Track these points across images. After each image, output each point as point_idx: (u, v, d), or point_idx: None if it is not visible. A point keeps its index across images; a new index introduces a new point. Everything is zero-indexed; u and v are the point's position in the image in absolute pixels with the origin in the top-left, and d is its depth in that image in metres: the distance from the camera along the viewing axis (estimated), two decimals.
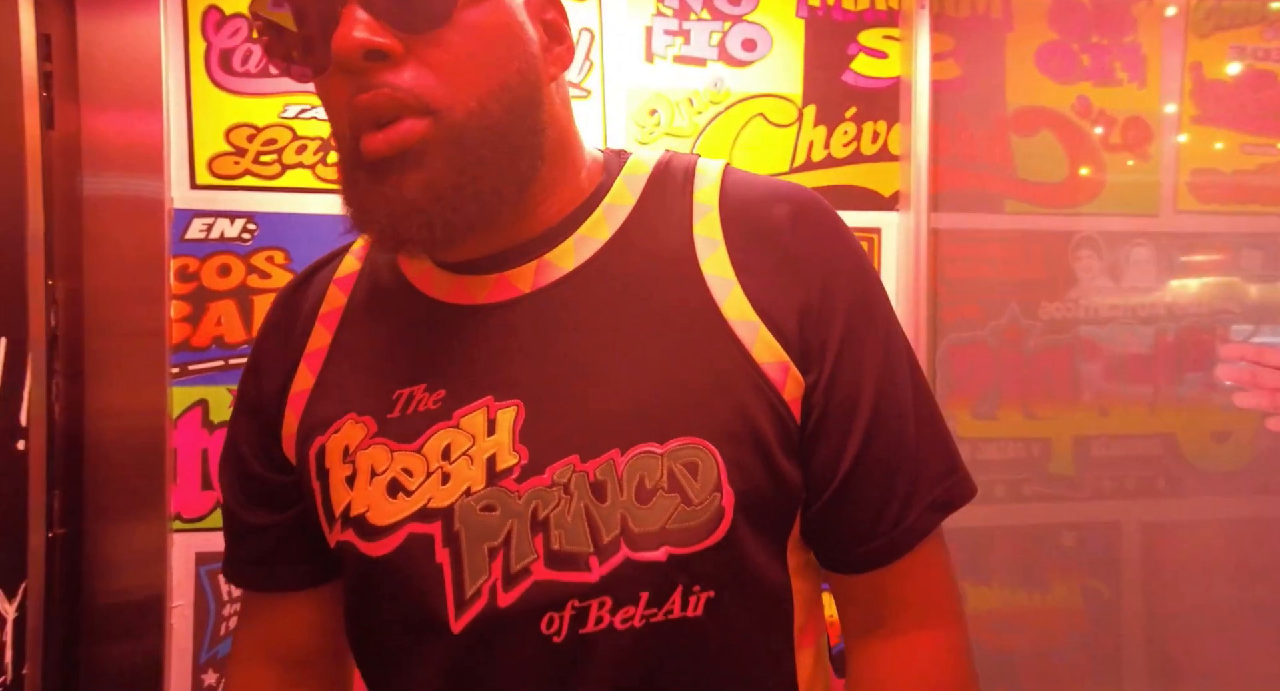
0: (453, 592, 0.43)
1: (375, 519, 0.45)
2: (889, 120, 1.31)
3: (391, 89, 0.41)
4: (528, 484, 0.43)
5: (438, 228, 0.43)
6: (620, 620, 0.42)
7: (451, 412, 0.46)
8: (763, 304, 0.46)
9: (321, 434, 0.49)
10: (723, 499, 0.43)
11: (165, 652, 1.15)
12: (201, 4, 1.15)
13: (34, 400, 1.06)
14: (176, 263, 1.15)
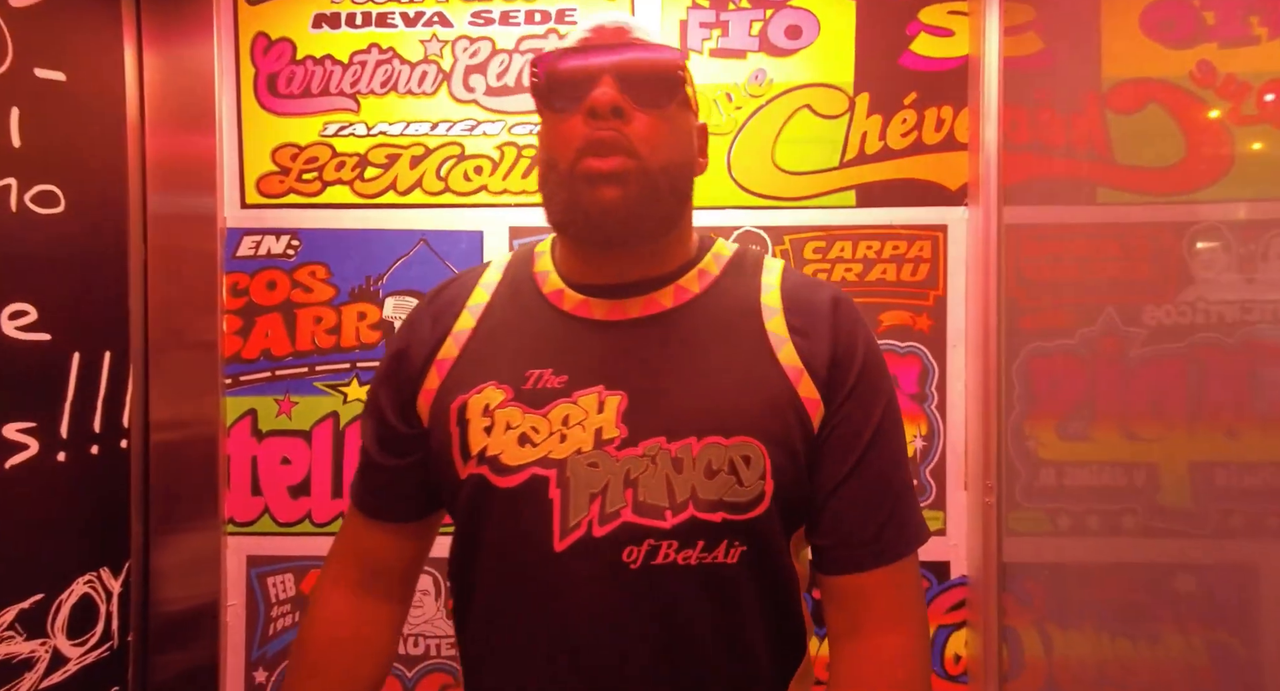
0: (559, 522, 0.59)
1: (507, 460, 0.60)
2: (955, 105, 1.17)
3: (618, 133, 0.59)
4: (624, 452, 0.59)
5: (620, 226, 0.60)
6: (681, 557, 0.58)
7: (571, 392, 0.62)
8: (806, 356, 0.63)
9: (464, 393, 0.64)
10: (765, 486, 0.59)
11: (221, 647, 1.20)
12: (251, 31, 1.20)
13: (134, 405, 1.15)
14: (229, 278, 1.20)
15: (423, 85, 1.20)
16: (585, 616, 0.59)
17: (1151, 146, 1.10)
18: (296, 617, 1.21)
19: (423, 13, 1.20)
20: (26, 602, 0.98)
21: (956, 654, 1.17)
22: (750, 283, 0.67)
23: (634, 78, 0.60)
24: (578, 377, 0.62)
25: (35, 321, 0.99)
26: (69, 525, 1.05)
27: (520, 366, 0.64)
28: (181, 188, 1.19)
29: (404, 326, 0.72)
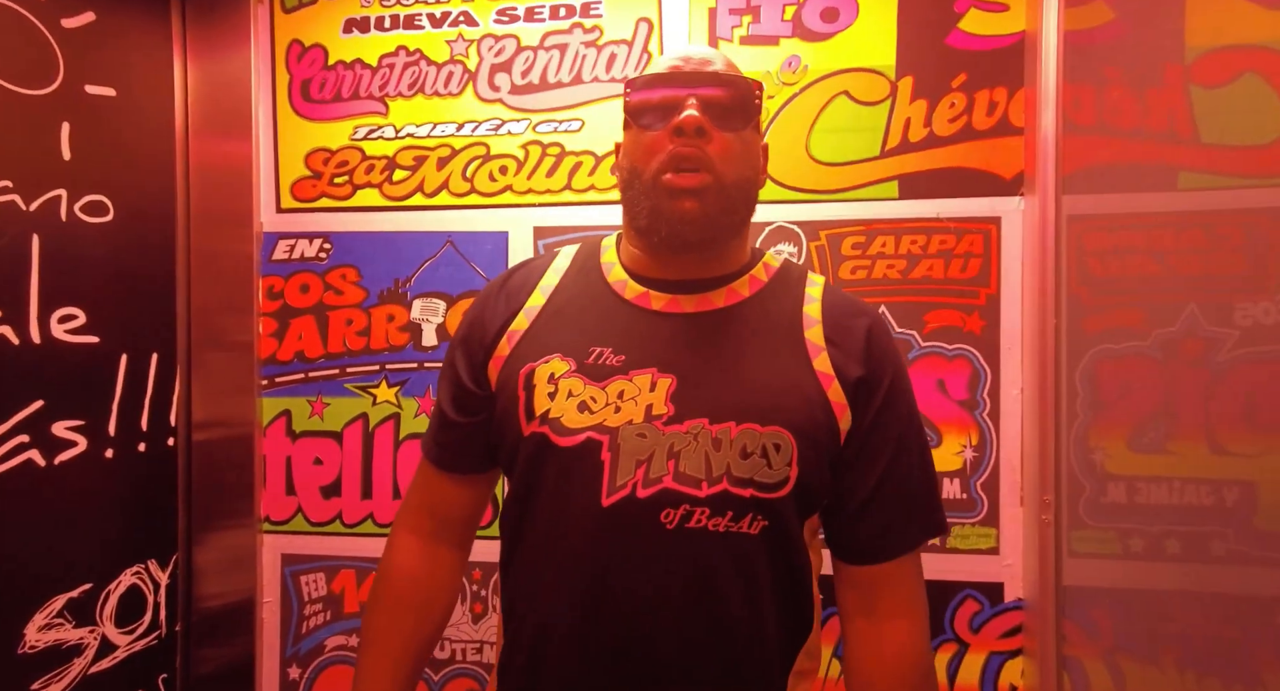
0: (608, 481, 0.67)
1: (567, 423, 0.69)
2: (1010, 86, 1.07)
3: (700, 151, 0.68)
4: (670, 428, 0.67)
5: (698, 234, 0.69)
6: (711, 524, 0.66)
7: (628, 371, 0.70)
8: (838, 365, 0.71)
9: (533, 361, 0.72)
10: (791, 471, 0.67)
11: (257, 643, 1.23)
12: (286, 38, 1.23)
13: (180, 404, 1.19)
14: (265, 281, 1.23)
15: (449, 86, 1.19)
16: (623, 564, 0.67)
17: (1246, 123, 0.97)
18: (328, 616, 1.22)
19: (449, 13, 1.19)
20: (75, 591, 1.03)
21: (1012, 683, 1.08)
22: (795, 293, 0.76)
23: (716, 102, 0.69)
24: (634, 358, 0.70)
25: (84, 325, 1.03)
26: (117, 519, 1.09)
27: (584, 343, 0.72)
28: (221, 194, 1.22)
29: (479, 299, 0.81)
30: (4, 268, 0.92)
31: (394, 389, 1.21)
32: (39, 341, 0.96)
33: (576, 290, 0.76)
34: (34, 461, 0.96)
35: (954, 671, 1.08)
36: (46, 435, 0.97)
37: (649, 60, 1.15)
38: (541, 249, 1.17)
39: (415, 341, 1.21)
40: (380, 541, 1.19)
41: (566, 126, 1.16)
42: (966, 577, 1.08)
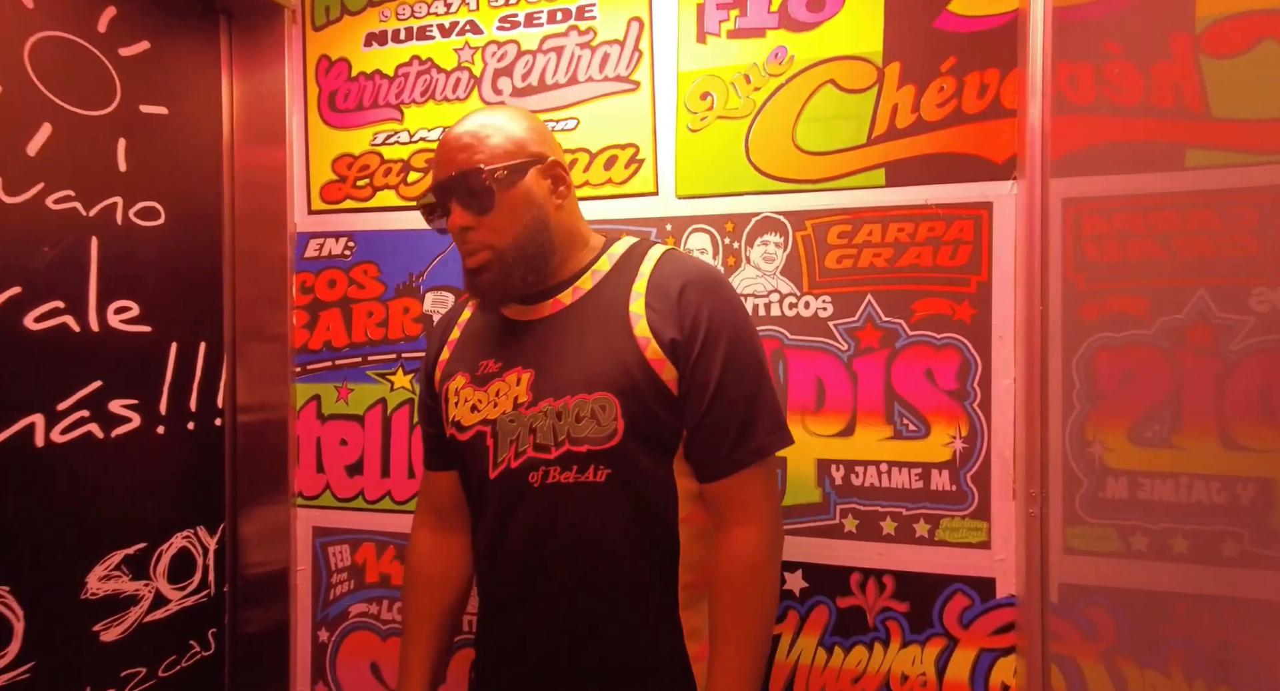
0: (492, 459, 0.89)
1: (464, 422, 0.92)
2: (1002, 68, 1.04)
3: (474, 241, 0.87)
4: (530, 411, 0.86)
5: (498, 297, 0.90)
6: (564, 478, 0.85)
7: (503, 373, 0.90)
8: (655, 327, 0.86)
9: (449, 380, 0.95)
10: (618, 425, 0.83)
11: (292, 608, 1.35)
12: (316, 54, 1.34)
13: (226, 388, 1.33)
14: (298, 277, 1.35)
15: (457, 91, 1.27)
16: (512, 517, 0.88)
17: (1262, 94, 0.91)
18: (352, 585, 1.33)
19: (457, 22, 1.27)
20: (131, 549, 1.17)
21: (1004, 682, 1.05)
22: (630, 274, 0.90)
23: (469, 196, 0.85)
24: (506, 362, 0.90)
25: (138, 316, 1.17)
26: (167, 488, 1.23)
27: (476, 359, 0.94)
28: (260, 198, 1.35)
29: (428, 340, 1.05)
30: (66, 266, 1.06)
31: (409, 376, 1.30)
32: (97, 330, 1.10)
33: (480, 319, 0.98)
34: (94, 434, 1.10)
35: (943, 666, 1.06)
36: (105, 411, 1.11)
37: (640, 58, 1.18)
38: None
39: (428, 331, 1.29)
40: (396, 517, 1.29)
41: (563, 125, 1.22)
42: (956, 571, 1.06)
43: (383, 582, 1.31)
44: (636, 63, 1.18)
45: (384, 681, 1.31)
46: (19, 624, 1.00)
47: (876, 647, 1.08)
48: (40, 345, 1.02)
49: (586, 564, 0.85)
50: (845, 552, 1.09)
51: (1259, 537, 0.93)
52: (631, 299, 0.87)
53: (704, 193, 1.15)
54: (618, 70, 1.19)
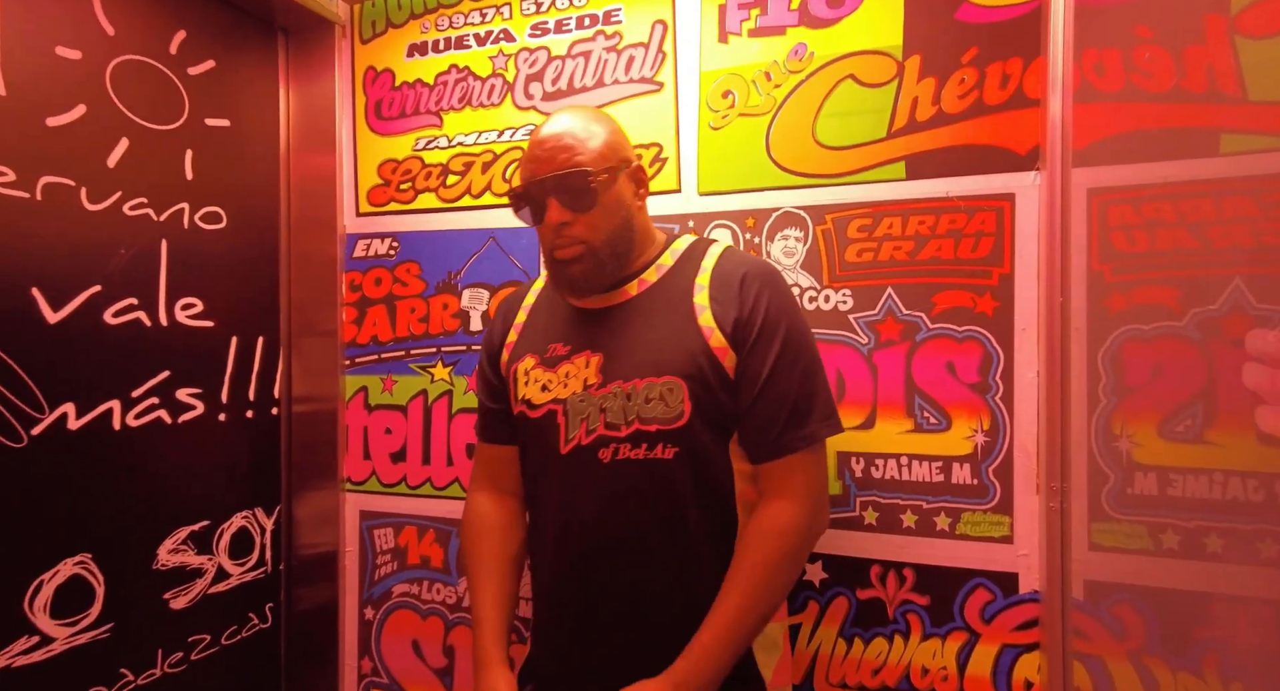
0: (563, 436, 0.94)
1: (535, 400, 0.97)
2: (1025, 57, 1.03)
3: (569, 236, 0.92)
4: (599, 392, 0.92)
5: (585, 289, 0.95)
6: (634, 454, 0.90)
7: (572, 356, 0.96)
8: (719, 317, 0.91)
9: (518, 361, 1.01)
10: (685, 407, 0.89)
11: (341, 587, 1.44)
12: (364, 65, 1.43)
13: (283, 380, 1.44)
14: (347, 276, 1.44)
15: (491, 97, 1.33)
16: (581, 491, 0.92)
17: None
18: (395, 566, 1.41)
19: (491, 31, 1.33)
20: (196, 526, 1.27)
21: (1027, 679, 1.03)
22: (693, 267, 0.96)
23: (570, 194, 0.91)
24: (575, 346, 0.97)
25: (202, 311, 1.28)
26: (228, 471, 1.34)
27: (545, 342, 1.00)
28: (313, 202, 1.45)
29: (495, 315, 1.12)
30: (140, 266, 1.17)
31: (448, 368, 1.37)
32: (166, 324, 1.21)
33: (545, 304, 1.05)
34: (162, 419, 1.21)
35: (964, 661, 1.05)
36: (172, 398, 1.22)
37: (663, 59, 1.22)
38: None
39: (465, 326, 1.36)
40: (436, 502, 1.36)
41: None
42: (977, 565, 1.05)
43: (423, 564, 1.39)
44: (660, 64, 1.22)
45: (424, 659, 1.39)
46: (100, 588, 1.11)
47: (896, 640, 1.08)
48: (117, 337, 1.13)
49: (653, 535, 0.89)
50: (865, 545, 1.10)
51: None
52: (695, 291, 0.93)
53: (725, 189, 1.18)
54: (642, 72, 1.23)
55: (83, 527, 1.09)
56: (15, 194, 1.00)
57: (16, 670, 1.00)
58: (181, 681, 1.24)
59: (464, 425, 1.36)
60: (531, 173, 0.93)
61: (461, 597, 1.36)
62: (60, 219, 1.06)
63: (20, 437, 1.01)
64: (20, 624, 1.01)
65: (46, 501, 1.04)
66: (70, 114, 1.08)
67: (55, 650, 1.05)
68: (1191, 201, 0.96)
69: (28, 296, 1.02)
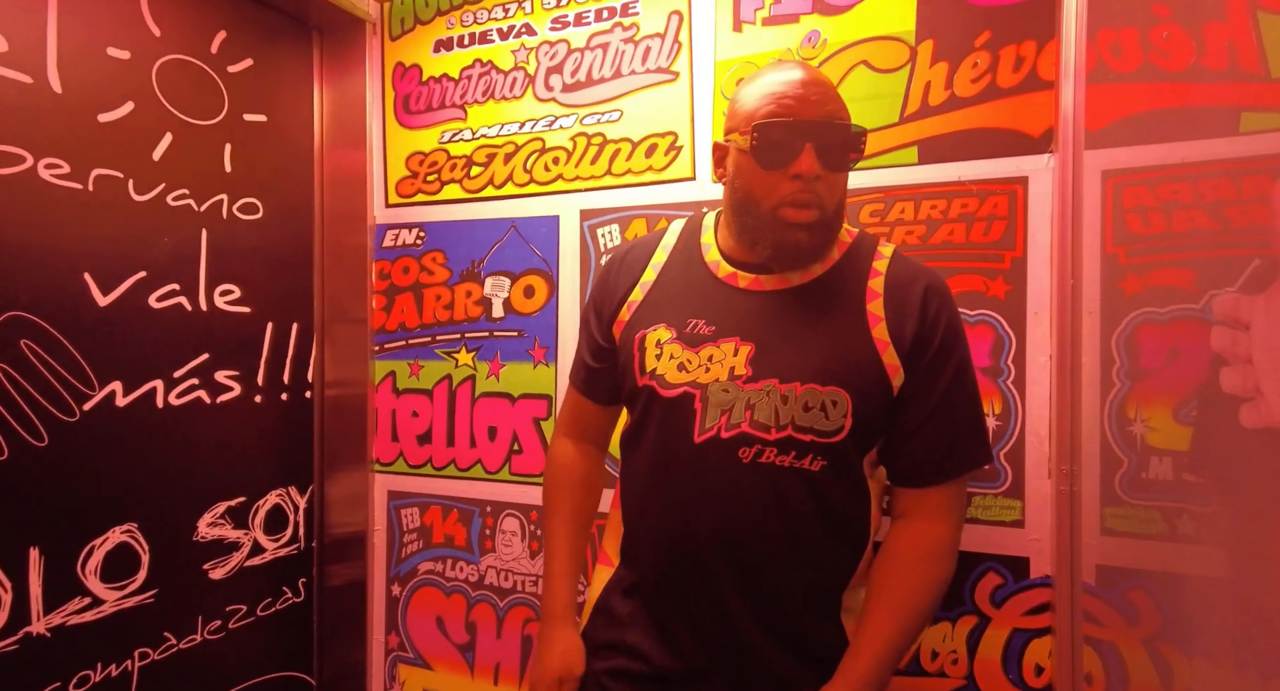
0: (698, 424, 0.85)
1: (669, 379, 0.87)
2: (1039, 39, 1.02)
3: (814, 193, 0.81)
4: (748, 386, 0.83)
5: (807, 258, 0.86)
6: (779, 460, 0.83)
7: (717, 339, 0.86)
8: (894, 334, 0.84)
9: (646, 328, 0.91)
10: (846, 422, 0.82)
11: (369, 564, 1.50)
12: (393, 61, 1.48)
13: (316, 365, 1.50)
14: (376, 265, 1.50)
15: (513, 90, 1.37)
16: (711, 488, 0.85)
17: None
18: (420, 545, 1.46)
19: (513, 26, 1.37)
20: (233, 501, 1.34)
21: (1038, 664, 1.03)
22: (862, 267, 0.88)
23: (829, 148, 0.81)
24: (723, 329, 0.87)
25: (239, 298, 1.34)
26: (263, 450, 1.41)
27: (684, 315, 0.89)
28: (345, 194, 1.51)
29: (603, 272, 1.01)
30: (182, 254, 1.24)
31: (471, 354, 1.42)
32: (205, 309, 1.28)
33: (680, 268, 0.94)
34: (202, 399, 1.27)
35: (974, 644, 1.06)
36: (211, 380, 1.29)
37: (679, 49, 1.24)
38: (586, 230, 1.31)
39: (487, 313, 1.40)
40: (460, 483, 1.41)
41: (608, 117, 1.29)
42: (988, 549, 1.05)
43: (447, 543, 1.44)
44: (676, 54, 1.24)
45: (447, 634, 1.44)
46: (145, 556, 1.18)
47: None
48: (160, 321, 1.20)
49: (783, 544, 0.84)
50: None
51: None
52: (869, 297, 0.86)
53: None
54: (659, 62, 1.25)
55: (129, 498, 1.16)
56: (69, 185, 1.08)
57: (71, 628, 1.08)
58: (220, 648, 1.31)
59: (486, 408, 1.40)
60: (793, 111, 0.80)
61: (483, 575, 1.40)
62: (109, 209, 1.13)
63: (74, 412, 1.08)
64: (74, 585, 1.08)
65: (97, 472, 1.11)
66: (119, 110, 1.15)
67: (105, 611, 1.12)
68: (1210, 182, 0.95)
69: (80, 281, 1.09)
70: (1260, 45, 0.94)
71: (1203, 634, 0.97)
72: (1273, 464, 0.55)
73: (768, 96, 0.82)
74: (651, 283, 0.94)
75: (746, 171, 0.84)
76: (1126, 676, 1.00)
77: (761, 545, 0.84)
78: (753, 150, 0.82)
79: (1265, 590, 0.90)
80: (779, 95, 0.81)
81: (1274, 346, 0.50)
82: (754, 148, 0.82)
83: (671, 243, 0.97)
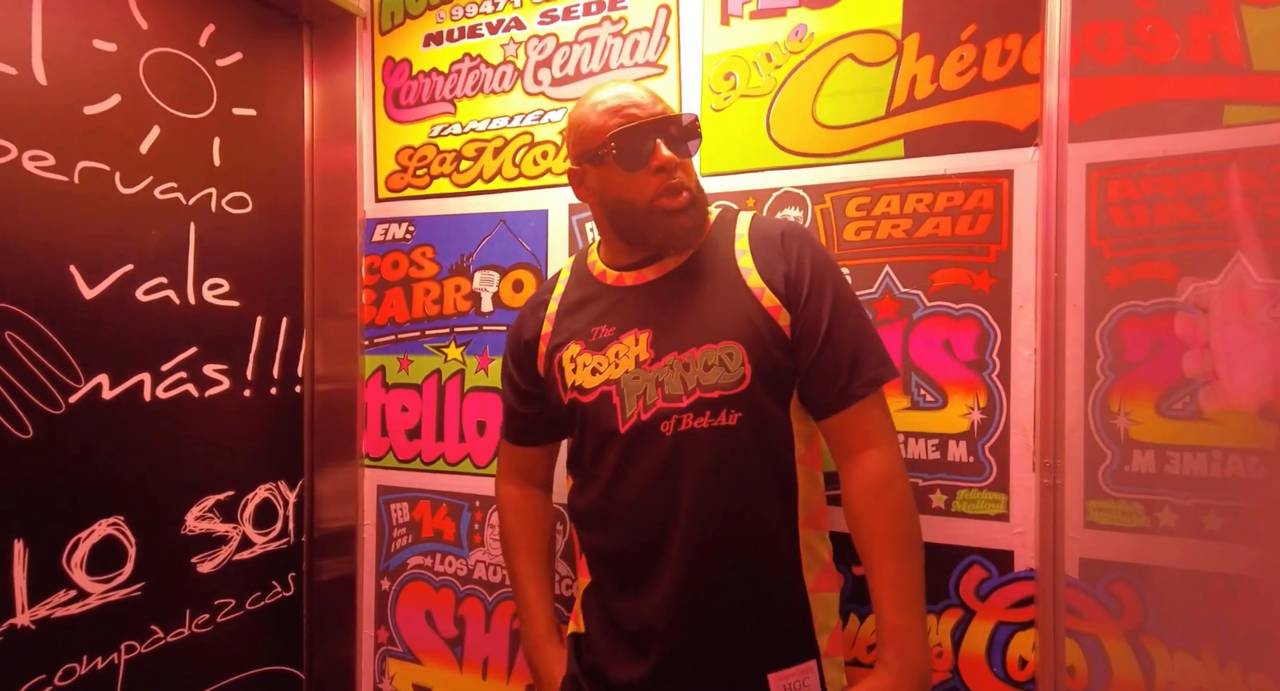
0: (620, 415, 0.91)
1: (586, 385, 0.95)
2: (1025, 32, 1.02)
3: (678, 178, 0.91)
4: (654, 367, 0.90)
5: (694, 237, 0.94)
6: (696, 423, 0.88)
7: (619, 336, 0.94)
8: (766, 278, 0.91)
9: (561, 350, 0.99)
10: (745, 369, 0.88)
11: (359, 558, 1.50)
12: (382, 56, 1.48)
13: (306, 359, 1.50)
14: (366, 260, 1.50)
15: (502, 84, 1.37)
16: (647, 467, 0.90)
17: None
18: (410, 539, 1.46)
19: (503, 19, 1.37)
20: (222, 495, 1.34)
21: (1022, 657, 1.03)
22: (729, 234, 0.96)
23: (676, 139, 0.91)
24: (622, 326, 0.95)
25: (228, 292, 1.34)
26: (252, 444, 1.41)
27: (587, 326, 0.97)
28: (334, 189, 1.50)
29: (517, 321, 1.09)
30: (170, 247, 1.24)
31: (460, 348, 1.42)
32: (194, 302, 1.28)
33: (575, 290, 1.03)
34: (190, 393, 1.27)
35: (959, 638, 1.06)
36: (199, 373, 1.29)
37: (667, 43, 1.24)
38: (575, 224, 1.31)
39: (476, 308, 1.40)
40: (449, 478, 1.41)
41: None
42: (972, 543, 1.05)
43: (436, 537, 1.44)
44: (664, 48, 1.24)
45: (436, 629, 1.44)
46: (131, 549, 1.18)
47: None
48: (148, 314, 1.20)
49: (719, 504, 0.88)
50: None
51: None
52: (738, 256, 0.93)
53: (727, 170, 1.19)
54: (647, 56, 1.25)
55: (116, 490, 1.16)
56: (55, 177, 1.08)
57: (56, 620, 1.08)
58: (208, 642, 1.31)
59: (475, 403, 1.40)
60: (631, 116, 0.91)
61: (472, 570, 1.40)
62: (96, 201, 1.13)
63: (59, 405, 1.08)
64: (59, 578, 1.08)
65: (82, 464, 1.11)
66: (106, 103, 1.14)
67: (91, 604, 1.12)
68: (1192, 175, 0.95)
69: (66, 273, 1.09)
70: (1243, 38, 0.94)
71: (1184, 626, 0.97)
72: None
73: (608, 111, 0.92)
74: (555, 312, 1.03)
75: (614, 180, 0.92)
76: (1109, 668, 1.01)
77: (700, 503, 0.88)
78: (615, 158, 0.91)
79: (1248, 583, 0.91)
80: (618, 108, 0.91)
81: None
82: (616, 156, 0.90)
83: (566, 275, 1.06)
